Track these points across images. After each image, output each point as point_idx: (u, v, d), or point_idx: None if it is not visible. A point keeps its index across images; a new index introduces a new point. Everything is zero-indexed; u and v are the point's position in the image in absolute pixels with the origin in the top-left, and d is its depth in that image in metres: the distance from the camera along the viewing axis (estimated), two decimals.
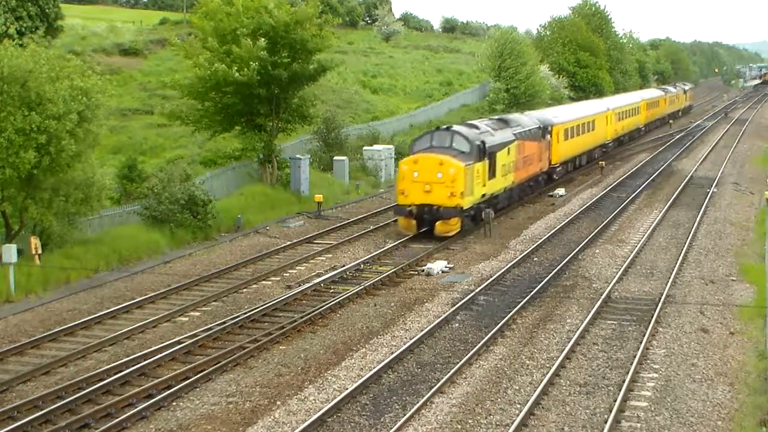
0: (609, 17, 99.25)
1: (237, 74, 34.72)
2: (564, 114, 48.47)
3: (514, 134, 37.29)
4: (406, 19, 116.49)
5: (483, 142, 32.80)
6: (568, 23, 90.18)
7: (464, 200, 31.39)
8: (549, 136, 43.33)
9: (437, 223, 31.27)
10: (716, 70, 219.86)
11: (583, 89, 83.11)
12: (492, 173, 34.02)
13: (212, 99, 37.26)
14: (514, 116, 41.39)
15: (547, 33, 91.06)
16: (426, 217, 31.45)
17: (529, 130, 39.67)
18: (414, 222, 31.63)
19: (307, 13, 37.01)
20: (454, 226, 31.41)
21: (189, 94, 37.66)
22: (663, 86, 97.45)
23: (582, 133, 50.13)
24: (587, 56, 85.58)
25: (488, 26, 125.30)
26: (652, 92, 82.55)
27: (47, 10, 48.86)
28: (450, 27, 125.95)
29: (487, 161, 33.09)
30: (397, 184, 32.72)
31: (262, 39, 35.23)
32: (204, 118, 38.14)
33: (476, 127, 34.40)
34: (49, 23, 48.25)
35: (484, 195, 33.45)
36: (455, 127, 33.44)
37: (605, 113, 56.79)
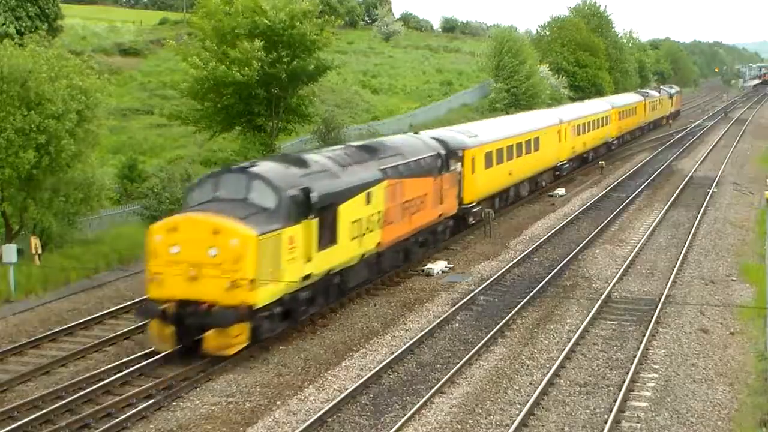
0: (608, 17, 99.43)
1: (237, 74, 34.69)
2: (487, 131, 36.05)
3: (383, 170, 25.04)
4: (406, 19, 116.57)
5: (306, 191, 20.60)
6: (568, 23, 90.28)
7: (259, 293, 19.04)
8: (459, 164, 31.35)
9: (208, 333, 18.86)
10: (716, 70, 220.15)
11: (583, 89, 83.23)
12: (329, 238, 21.79)
13: (211, 99, 37.27)
14: (393, 141, 28.70)
15: (547, 33, 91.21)
16: (191, 323, 19.07)
17: (416, 161, 27.37)
18: (171, 330, 19.21)
19: (303, 9, 36.94)
20: (236, 338, 18.95)
21: (188, 95, 37.68)
22: (643, 90, 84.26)
23: (518, 156, 38.27)
24: (586, 56, 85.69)
25: (488, 26, 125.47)
26: (627, 98, 69.80)
27: (47, 10, 48.85)
28: (450, 27, 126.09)
29: (315, 220, 20.91)
30: (147, 263, 20.07)
31: (257, 40, 35.15)
32: (204, 118, 38.15)
33: (302, 164, 22.31)
34: (48, 23, 48.23)
35: (308, 276, 20.89)
36: (257, 168, 21.04)
37: (557, 127, 45.36)
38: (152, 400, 17.20)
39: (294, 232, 20.19)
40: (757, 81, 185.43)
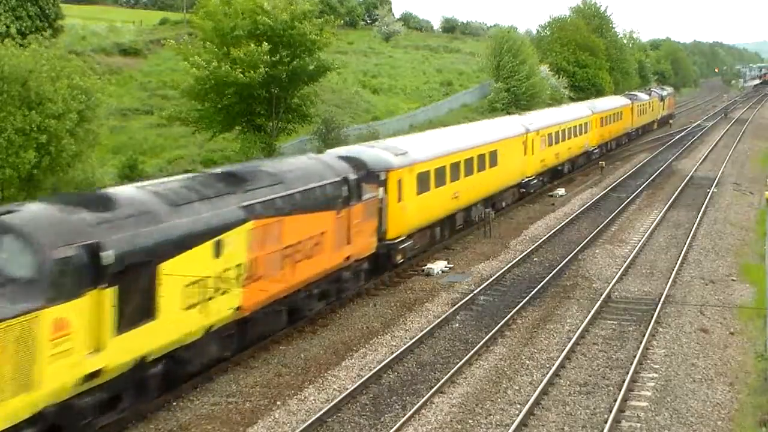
0: (609, 17, 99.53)
1: (241, 75, 34.64)
2: (423, 146, 29.26)
3: (248, 206, 18.51)
4: (406, 19, 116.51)
5: (93, 248, 14.20)
6: (568, 24, 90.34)
7: None
8: (381, 190, 25.37)
9: None
10: (716, 70, 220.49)
11: (583, 89, 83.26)
12: (141, 312, 15.27)
13: (211, 99, 37.27)
14: (273, 166, 21.27)
15: (547, 33, 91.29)
16: None
17: (306, 191, 20.87)
18: None
19: (305, 9, 36.97)
20: None
21: (188, 95, 37.68)
22: (631, 92, 75.42)
23: (467, 175, 31.71)
24: (586, 56, 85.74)
25: (488, 26, 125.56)
26: (611, 101, 62.90)
27: (47, 11, 48.87)
28: (450, 27, 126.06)
29: (110, 290, 14.38)
30: None
31: (265, 43, 35.10)
32: (204, 118, 38.17)
33: (97, 206, 15.23)
34: (48, 23, 48.24)
35: (97, 373, 14.39)
36: (13, 215, 14.17)
37: (522, 137, 39.29)
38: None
39: (66, 312, 13.54)
40: (757, 81, 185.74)
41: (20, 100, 25.07)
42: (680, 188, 45.34)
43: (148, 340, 15.52)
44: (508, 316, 22.86)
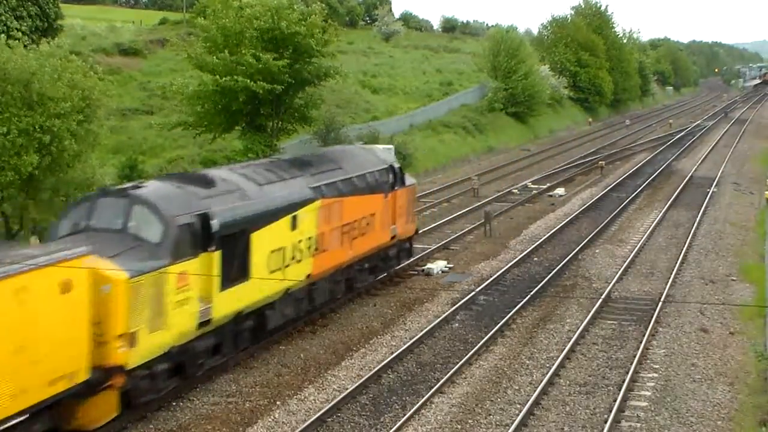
0: (610, 17, 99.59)
1: (253, 84, 34.47)
2: None
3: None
4: (406, 19, 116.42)
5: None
6: (569, 24, 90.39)
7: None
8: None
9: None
10: (716, 71, 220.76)
11: (583, 89, 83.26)
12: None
13: (213, 101, 37.17)
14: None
15: (548, 31, 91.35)
16: None
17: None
18: None
19: (319, 26, 36.90)
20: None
21: (190, 101, 37.54)
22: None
23: None
24: (587, 56, 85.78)
25: (488, 26, 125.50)
26: None
27: (47, 10, 48.84)
28: (450, 27, 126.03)
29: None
30: None
31: (273, 59, 34.87)
32: (204, 120, 38.06)
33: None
34: (48, 23, 48.22)
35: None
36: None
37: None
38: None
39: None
40: (757, 81, 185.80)
41: (21, 101, 25.05)
42: (680, 188, 45.34)
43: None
44: (508, 316, 22.86)
